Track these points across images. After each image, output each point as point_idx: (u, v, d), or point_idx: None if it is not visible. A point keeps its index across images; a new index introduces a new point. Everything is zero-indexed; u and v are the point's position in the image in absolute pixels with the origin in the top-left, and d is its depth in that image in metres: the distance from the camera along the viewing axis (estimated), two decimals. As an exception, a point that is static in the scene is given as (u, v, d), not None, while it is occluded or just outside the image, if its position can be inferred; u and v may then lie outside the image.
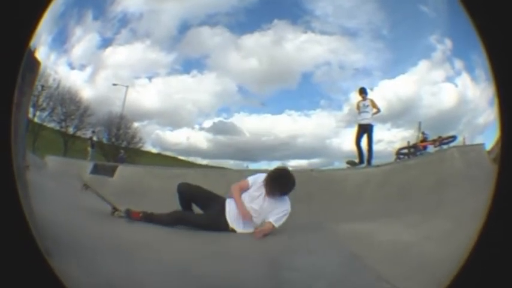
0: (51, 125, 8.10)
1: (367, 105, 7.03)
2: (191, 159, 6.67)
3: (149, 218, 3.92)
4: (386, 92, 6.70)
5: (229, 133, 6.38)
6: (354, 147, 7.10)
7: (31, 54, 1.67)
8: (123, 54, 6.27)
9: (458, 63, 5.56)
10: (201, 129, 6.53)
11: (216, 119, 6.35)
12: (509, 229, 1.56)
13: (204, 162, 6.65)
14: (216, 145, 6.55)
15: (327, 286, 2.10)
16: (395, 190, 4.95)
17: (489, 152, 4.20)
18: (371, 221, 4.00)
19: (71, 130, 8.74)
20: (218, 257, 2.91)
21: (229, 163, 6.52)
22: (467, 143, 5.50)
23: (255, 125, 6.30)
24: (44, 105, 7.82)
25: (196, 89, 6.38)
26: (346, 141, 6.87)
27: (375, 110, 7.01)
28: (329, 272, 2.38)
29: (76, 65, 6.21)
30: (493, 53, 1.61)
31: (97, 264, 2.07)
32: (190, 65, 6.29)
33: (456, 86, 5.76)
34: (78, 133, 8.79)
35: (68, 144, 8.62)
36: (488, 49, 1.63)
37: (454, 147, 5.71)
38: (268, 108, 6.26)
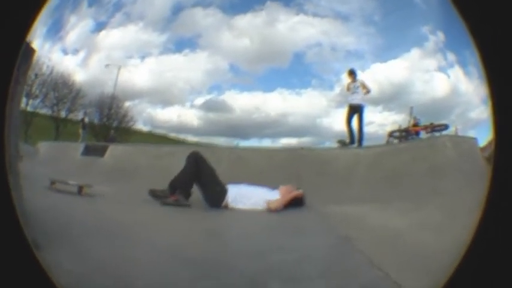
0: (44, 111, 7.98)
1: (358, 87, 7.01)
2: (182, 136, 6.58)
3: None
4: (377, 76, 6.97)
5: (220, 110, 6.39)
6: (344, 127, 7.14)
7: (27, 46, 1.58)
8: (117, 36, 6.48)
9: (451, 56, 5.67)
10: (192, 106, 6.63)
11: (208, 97, 6.30)
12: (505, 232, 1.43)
13: (195, 139, 6.58)
14: (206, 122, 6.55)
15: (317, 270, 1.96)
16: (386, 173, 4.88)
17: (482, 150, 4.40)
18: (362, 204, 3.91)
19: (63, 114, 8.64)
20: (210, 236, 2.78)
21: (220, 140, 6.41)
22: (459, 134, 5.45)
23: (245, 102, 6.42)
24: (37, 92, 7.68)
25: (188, 68, 6.45)
26: (337, 121, 7.39)
27: (365, 91, 6.98)
28: (320, 255, 2.29)
29: (70, 50, 6.41)
30: (486, 56, 1.48)
31: (89, 252, 1.96)
32: (182, 44, 6.41)
33: (448, 76, 5.81)
34: (70, 116, 8.70)
35: (60, 129, 8.55)
36: (480, 51, 1.51)
37: (446, 136, 5.63)
38: (259, 86, 6.12)
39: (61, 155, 7.11)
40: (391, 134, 7.56)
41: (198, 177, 3.90)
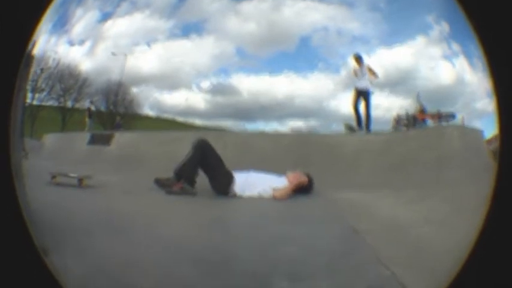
0: (50, 103, 7.91)
1: (364, 72, 6.90)
2: (189, 120, 6.62)
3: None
4: (383, 61, 6.69)
5: (227, 94, 6.35)
6: (351, 112, 7.04)
7: (33, 44, 1.53)
8: (123, 25, 6.19)
9: (455, 46, 5.56)
10: (199, 90, 6.48)
11: (215, 80, 6.34)
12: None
13: (202, 123, 6.65)
14: (213, 106, 6.52)
15: (324, 263, 1.91)
16: (394, 161, 4.77)
17: (487, 142, 4.17)
18: (369, 192, 3.86)
19: (69, 104, 8.53)
20: (216, 226, 2.72)
21: (227, 123, 6.57)
22: (466, 124, 5.49)
23: (252, 85, 6.28)
24: (43, 86, 7.60)
25: (195, 52, 6.28)
26: (344, 104, 6.81)
27: (372, 76, 6.87)
28: (327, 248, 2.22)
29: (76, 41, 6.14)
30: (489, 51, 1.46)
31: (91, 250, 1.89)
32: (189, 29, 6.41)
33: (454, 66, 5.72)
34: (77, 105, 8.58)
35: (66, 119, 8.42)
36: (484, 46, 1.48)
37: (453, 126, 5.59)
38: (266, 69, 6.19)
39: (67, 146, 7.05)
40: (398, 120, 7.40)
41: (204, 165, 3.83)
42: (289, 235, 2.41)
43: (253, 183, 3.80)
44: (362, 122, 6.94)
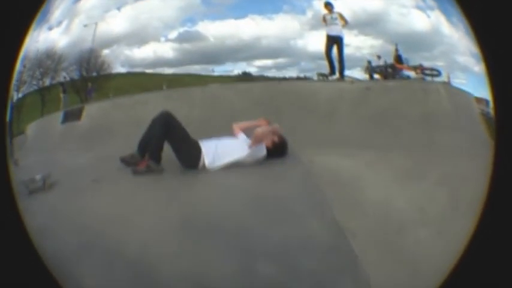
0: (31, 89, 7.86)
1: (335, 18, 6.62)
2: (158, 70, 6.77)
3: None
4: (351, 5, 6.67)
5: (194, 40, 6.44)
6: (324, 59, 6.74)
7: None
8: None
9: (431, 2, 5.70)
10: (167, 40, 6.57)
11: (181, 29, 6.44)
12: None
13: (171, 71, 6.78)
14: (181, 53, 6.60)
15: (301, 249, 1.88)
16: (374, 113, 4.38)
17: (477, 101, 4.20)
18: (352, 155, 3.43)
19: (47, 83, 8.50)
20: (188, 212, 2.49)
21: (195, 68, 6.65)
22: (452, 83, 5.35)
23: (218, 30, 6.36)
24: (25, 78, 7.53)
25: (162, 7, 6.40)
26: (311, 42, 6.85)
27: (342, 23, 6.62)
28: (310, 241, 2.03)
29: (54, 24, 6.20)
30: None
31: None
32: None
33: (428, 16, 5.75)
34: (54, 83, 8.54)
35: (45, 100, 8.31)
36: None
37: (438, 83, 5.30)
38: (231, 14, 6.28)
39: (44, 133, 6.61)
40: (370, 68, 7.06)
41: (169, 139, 3.44)
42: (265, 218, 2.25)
43: (222, 152, 3.44)
44: (335, 68, 6.65)
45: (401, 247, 1.95)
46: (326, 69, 6.70)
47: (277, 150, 3.54)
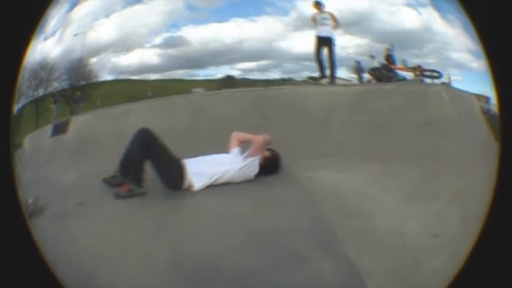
0: (27, 101, 7.88)
1: (326, 18, 6.19)
2: (144, 76, 6.78)
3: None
4: (337, 4, 6.44)
5: (178, 45, 6.53)
6: (314, 62, 6.32)
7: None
8: (86, 6, 6.34)
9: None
10: (152, 46, 6.61)
11: (166, 35, 6.46)
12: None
13: (156, 76, 6.78)
14: (165, 58, 6.63)
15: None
16: (372, 120, 4.05)
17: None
18: (350, 168, 3.17)
19: (41, 93, 8.44)
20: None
21: (179, 73, 6.59)
22: (453, 85, 5.02)
23: (201, 34, 6.37)
24: (23, 88, 7.47)
25: (148, 14, 6.44)
26: (295, 44, 6.61)
27: (333, 23, 6.15)
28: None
29: (49, 34, 5.97)
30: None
31: None
32: None
33: (419, 14, 5.56)
34: (46, 93, 8.46)
35: (40, 111, 8.17)
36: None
37: (439, 85, 4.98)
38: (214, 18, 6.28)
39: (37, 146, 6.44)
40: (368, 71, 6.69)
41: (149, 159, 3.11)
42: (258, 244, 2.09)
43: (209, 170, 3.14)
44: (325, 71, 6.19)
45: (417, 281, 1.78)
46: (312, 71, 6.35)
47: (270, 165, 3.25)
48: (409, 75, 5.97)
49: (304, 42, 6.42)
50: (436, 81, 5.36)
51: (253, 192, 2.96)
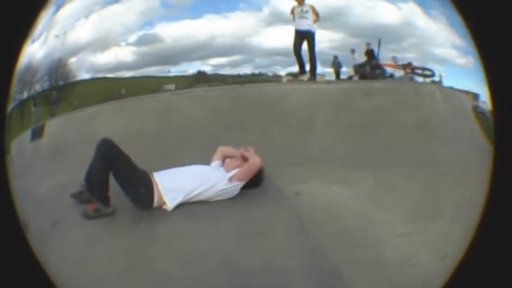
0: (14, 104, 7.78)
1: (307, 11, 5.85)
2: (119, 74, 6.75)
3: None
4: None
5: (152, 43, 6.56)
6: (294, 56, 6.00)
7: None
8: (69, 8, 6.26)
9: None
10: (127, 44, 6.63)
11: (140, 33, 6.53)
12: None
13: (129, 74, 6.75)
14: (140, 56, 6.65)
15: None
16: (360, 121, 3.67)
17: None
18: (342, 179, 2.84)
19: (25, 96, 8.33)
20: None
21: (152, 70, 6.63)
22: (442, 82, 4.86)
23: (175, 31, 6.45)
24: (12, 92, 7.18)
25: (125, 13, 6.46)
26: (267, 39, 6.47)
27: (314, 17, 5.84)
28: None
29: (36, 37, 5.81)
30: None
31: None
32: None
33: (400, 9, 5.46)
34: (28, 96, 8.33)
35: (23, 114, 7.91)
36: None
37: (432, 84, 4.75)
38: (187, 15, 6.34)
39: (19, 152, 6.12)
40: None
41: (113, 174, 2.67)
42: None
43: (184, 186, 2.70)
44: (305, 66, 5.86)
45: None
46: (283, 65, 6.17)
47: (253, 180, 2.83)
48: (398, 72, 5.66)
49: (278, 38, 6.23)
50: (427, 79, 5.12)
51: (233, 213, 2.55)
